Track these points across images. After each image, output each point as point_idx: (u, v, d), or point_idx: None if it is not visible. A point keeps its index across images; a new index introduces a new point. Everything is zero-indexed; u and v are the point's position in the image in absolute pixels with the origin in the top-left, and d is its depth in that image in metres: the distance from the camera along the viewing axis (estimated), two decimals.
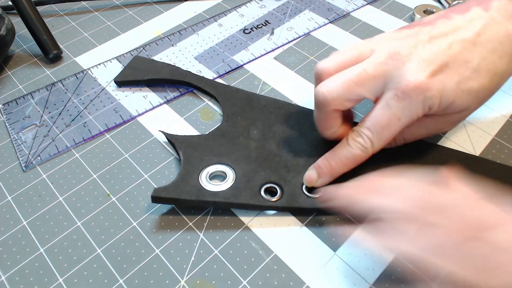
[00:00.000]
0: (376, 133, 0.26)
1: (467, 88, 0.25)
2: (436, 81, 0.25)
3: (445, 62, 0.25)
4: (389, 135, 0.26)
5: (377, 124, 0.26)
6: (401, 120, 0.26)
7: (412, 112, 0.25)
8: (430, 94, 0.24)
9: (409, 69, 0.25)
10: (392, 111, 0.25)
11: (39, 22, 0.40)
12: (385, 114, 0.26)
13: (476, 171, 0.28)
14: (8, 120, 0.36)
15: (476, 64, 0.25)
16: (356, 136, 0.27)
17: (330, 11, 0.45)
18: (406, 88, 0.25)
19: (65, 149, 0.33)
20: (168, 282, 0.26)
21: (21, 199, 0.31)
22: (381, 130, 0.26)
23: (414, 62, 0.25)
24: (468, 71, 0.25)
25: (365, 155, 0.27)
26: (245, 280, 0.26)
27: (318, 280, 0.26)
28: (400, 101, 0.25)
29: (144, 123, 0.35)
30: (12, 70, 0.40)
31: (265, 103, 0.35)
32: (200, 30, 0.43)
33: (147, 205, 0.30)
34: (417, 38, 0.26)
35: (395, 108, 0.25)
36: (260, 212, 0.29)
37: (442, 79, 0.25)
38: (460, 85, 0.25)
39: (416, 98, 0.25)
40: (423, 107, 0.25)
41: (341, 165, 0.28)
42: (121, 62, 0.40)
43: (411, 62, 0.25)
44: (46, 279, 0.27)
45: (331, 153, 0.28)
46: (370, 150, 0.27)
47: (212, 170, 0.30)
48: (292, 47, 0.41)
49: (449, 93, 0.25)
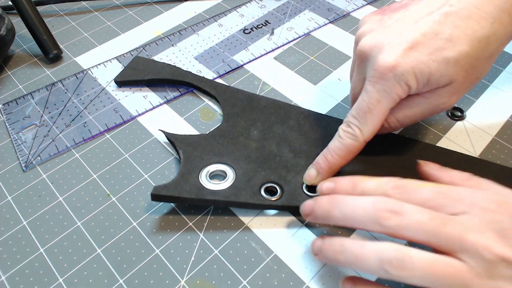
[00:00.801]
0: (360, 119, 0.27)
1: (442, 58, 0.25)
2: (407, 59, 0.25)
3: (415, 39, 0.25)
4: (375, 120, 0.27)
5: (360, 111, 0.27)
6: (381, 102, 0.26)
7: (390, 92, 0.26)
8: (401, 70, 0.25)
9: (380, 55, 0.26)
10: (369, 95, 0.26)
11: (39, 22, 0.40)
12: (365, 99, 0.27)
13: (475, 173, 0.28)
14: (8, 120, 0.36)
15: (448, 33, 0.25)
16: (345, 127, 0.28)
17: (330, 11, 0.45)
18: (376, 71, 0.26)
19: (65, 149, 0.33)
20: (168, 282, 0.26)
21: (21, 199, 0.31)
22: (364, 115, 0.27)
23: (386, 48, 0.26)
24: (440, 42, 0.25)
25: (358, 143, 0.27)
26: (245, 280, 0.26)
27: (318, 280, 0.26)
28: (375, 84, 0.26)
29: (144, 123, 0.35)
30: (12, 70, 0.40)
31: (265, 103, 0.35)
32: (200, 30, 0.43)
33: (147, 205, 0.30)
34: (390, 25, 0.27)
35: (371, 92, 0.26)
36: (260, 212, 0.29)
37: (414, 55, 0.25)
38: (433, 56, 0.25)
39: (388, 78, 0.25)
40: (400, 85, 0.25)
41: (337, 157, 0.28)
42: (121, 62, 0.40)
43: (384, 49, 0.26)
44: (46, 279, 0.27)
45: (326, 149, 0.28)
46: (360, 137, 0.27)
47: (212, 169, 0.30)
48: (292, 47, 0.41)
49: (422, 66, 0.25)
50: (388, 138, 0.32)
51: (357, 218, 0.23)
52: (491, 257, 0.20)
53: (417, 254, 0.21)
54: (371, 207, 0.23)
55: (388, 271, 0.21)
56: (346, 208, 0.24)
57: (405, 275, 0.21)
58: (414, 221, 0.22)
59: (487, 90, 0.36)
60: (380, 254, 0.22)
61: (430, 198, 0.23)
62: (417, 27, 0.26)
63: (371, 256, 0.22)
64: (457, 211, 0.22)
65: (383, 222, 0.22)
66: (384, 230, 0.22)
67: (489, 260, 0.20)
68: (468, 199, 0.23)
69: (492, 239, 0.21)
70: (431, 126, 0.34)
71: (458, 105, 0.35)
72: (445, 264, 0.21)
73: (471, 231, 0.21)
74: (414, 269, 0.21)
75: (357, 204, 0.24)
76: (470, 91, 0.36)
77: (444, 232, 0.21)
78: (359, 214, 0.23)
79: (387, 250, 0.22)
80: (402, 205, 0.23)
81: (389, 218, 0.22)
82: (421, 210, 0.22)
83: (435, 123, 0.34)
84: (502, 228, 0.21)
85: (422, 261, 0.21)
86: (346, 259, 0.23)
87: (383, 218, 0.22)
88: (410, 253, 0.21)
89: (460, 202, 0.23)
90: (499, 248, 0.21)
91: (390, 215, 0.22)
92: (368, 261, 0.22)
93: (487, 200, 0.22)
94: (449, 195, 0.23)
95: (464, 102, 0.35)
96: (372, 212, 0.23)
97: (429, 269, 0.21)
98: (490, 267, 0.20)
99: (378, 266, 0.22)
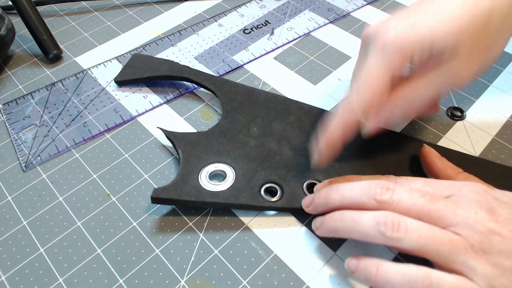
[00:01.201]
0: (356, 88, 0.27)
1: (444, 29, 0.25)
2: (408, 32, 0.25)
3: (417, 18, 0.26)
4: (371, 88, 0.26)
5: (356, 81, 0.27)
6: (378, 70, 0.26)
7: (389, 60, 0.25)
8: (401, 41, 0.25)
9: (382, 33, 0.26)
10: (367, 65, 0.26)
11: (39, 22, 0.40)
12: (362, 70, 0.27)
13: (475, 172, 0.28)
14: (8, 120, 0.36)
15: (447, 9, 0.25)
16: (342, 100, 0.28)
17: (330, 11, 0.45)
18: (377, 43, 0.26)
19: (65, 149, 0.33)
20: (168, 282, 0.26)
21: (21, 199, 0.31)
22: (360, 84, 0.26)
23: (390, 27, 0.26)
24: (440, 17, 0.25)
25: (351, 114, 0.27)
26: (245, 280, 0.26)
27: (318, 280, 0.26)
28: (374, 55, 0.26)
29: (144, 123, 0.35)
30: (12, 70, 0.40)
31: (265, 98, 0.35)
32: (200, 30, 0.43)
33: (147, 205, 0.30)
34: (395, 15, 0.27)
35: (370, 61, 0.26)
36: (260, 212, 0.29)
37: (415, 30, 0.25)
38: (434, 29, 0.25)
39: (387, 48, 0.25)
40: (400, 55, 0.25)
41: (333, 129, 0.27)
42: (121, 62, 0.40)
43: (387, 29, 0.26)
44: (46, 279, 0.27)
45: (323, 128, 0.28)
46: (355, 105, 0.26)
47: (212, 169, 0.30)
48: (292, 47, 0.41)
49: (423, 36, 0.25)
50: (389, 137, 0.32)
51: (353, 196, 0.25)
52: (483, 229, 0.22)
53: (412, 221, 0.23)
54: (367, 185, 0.25)
55: (384, 232, 0.23)
56: (344, 189, 0.25)
57: (399, 237, 0.22)
58: (406, 196, 0.23)
59: (487, 90, 0.36)
60: (377, 217, 0.23)
61: (420, 186, 0.25)
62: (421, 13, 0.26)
63: (369, 219, 0.23)
64: (446, 195, 0.24)
65: (377, 197, 0.24)
66: (378, 205, 0.24)
67: (481, 232, 0.22)
68: (457, 186, 0.24)
69: (482, 215, 0.22)
70: (431, 126, 0.34)
71: (458, 105, 0.35)
72: (439, 233, 0.22)
73: (462, 207, 0.23)
74: (408, 230, 0.22)
75: (354, 185, 0.25)
76: (470, 91, 0.36)
77: (435, 207, 0.23)
78: (355, 193, 0.25)
79: (384, 215, 0.23)
80: (395, 185, 0.24)
81: (383, 193, 0.24)
82: (413, 189, 0.24)
83: (435, 123, 0.34)
84: (491, 207, 0.23)
85: (417, 226, 0.23)
86: (345, 225, 0.24)
87: (378, 194, 0.24)
88: (406, 219, 0.23)
89: (449, 188, 0.24)
90: (489, 222, 0.22)
91: (384, 190, 0.24)
92: (366, 224, 0.23)
93: (474, 186, 0.24)
94: (438, 184, 0.25)
95: (464, 102, 0.35)
96: (368, 189, 0.24)
97: (423, 232, 0.22)
98: (484, 239, 0.22)
99: (375, 228, 0.23)
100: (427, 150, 0.29)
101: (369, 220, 0.23)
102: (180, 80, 0.37)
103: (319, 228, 0.26)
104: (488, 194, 0.24)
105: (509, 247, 0.21)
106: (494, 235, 0.22)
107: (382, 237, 0.23)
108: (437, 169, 0.28)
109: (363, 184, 0.25)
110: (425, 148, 0.30)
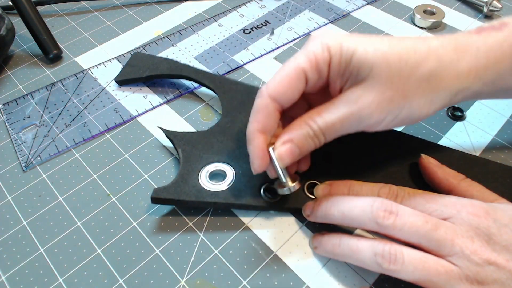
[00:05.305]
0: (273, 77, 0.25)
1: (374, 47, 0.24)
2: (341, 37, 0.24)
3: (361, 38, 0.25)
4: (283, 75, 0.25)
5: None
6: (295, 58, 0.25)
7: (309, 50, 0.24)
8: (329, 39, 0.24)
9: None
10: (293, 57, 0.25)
11: (39, 22, 0.40)
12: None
13: (475, 172, 0.28)
14: (8, 120, 0.36)
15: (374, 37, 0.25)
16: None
17: (330, 11, 0.45)
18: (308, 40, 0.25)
19: (65, 149, 0.33)
20: (168, 282, 0.26)
21: (21, 199, 0.31)
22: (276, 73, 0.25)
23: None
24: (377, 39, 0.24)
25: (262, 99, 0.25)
26: (245, 280, 0.26)
27: (318, 280, 0.26)
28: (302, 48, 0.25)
29: (144, 123, 0.35)
30: (12, 70, 0.40)
31: None
32: (200, 30, 0.43)
33: (147, 205, 0.30)
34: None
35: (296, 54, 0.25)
36: (260, 212, 0.29)
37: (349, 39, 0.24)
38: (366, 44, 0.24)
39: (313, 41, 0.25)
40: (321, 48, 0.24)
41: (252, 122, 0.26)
42: (121, 62, 0.40)
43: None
44: (46, 279, 0.27)
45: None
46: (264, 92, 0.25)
47: (212, 169, 0.30)
48: (292, 47, 0.41)
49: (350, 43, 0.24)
50: (390, 136, 0.32)
51: (354, 216, 0.24)
52: (479, 260, 0.22)
53: (408, 250, 0.23)
54: (368, 206, 0.24)
55: (381, 264, 0.23)
56: (344, 206, 0.25)
57: (396, 269, 0.22)
58: (409, 223, 0.23)
59: None
60: (374, 247, 0.23)
61: (421, 202, 0.25)
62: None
63: (366, 249, 0.23)
64: (446, 216, 0.24)
65: (379, 220, 0.23)
66: (380, 229, 0.24)
67: (477, 263, 0.22)
68: (458, 206, 0.24)
69: (480, 244, 0.22)
70: (431, 126, 0.34)
71: (458, 105, 0.35)
72: (434, 263, 0.22)
73: (461, 236, 0.23)
74: (404, 263, 0.22)
75: (355, 203, 0.25)
76: None
77: (436, 236, 0.23)
78: (356, 213, 0.24)
79: (380, 245, 0.23)
80: (398, 206, 0.24)
81: (386, 217, 0.23)
82: (416, 213, 0.24)
83: (435, 123, 0.34)
84: (489, 234, 0.23)
85: (413, 257, 0.23)
86: (343, 251, 0.25)
87: (380, 217, 0.23)
88: (402, 249, 0.23)
89: (449, 207, 0.24)
90: (486, 252, 0.22)
91: (387, 214, 0.23)
92: (363, 254, 0.23)
93: (474, 206, 0.24)
94: (439, 201, 0.25)
95: (464, 102, 0.35)
96: (370, 211, 0.24)
97: (419, 265, 0.22)
98: (479, 270, 0.22)
99: (372, 259, 0.23)
100: (426, 161, 0.28)
101: (367, 250, 0.23)
102: (180, 79, 0.37)
103: (318, 248, 0.27)
104: (488, 217, 0.23)
105: (504, 276, 0.22)
106: (490, 265, 0.22)
107: (379, 267, 0.23)
108: (438, 179, 0.28)
109: (365, 205, 0.24)
110: (423, 158, 0.29)
